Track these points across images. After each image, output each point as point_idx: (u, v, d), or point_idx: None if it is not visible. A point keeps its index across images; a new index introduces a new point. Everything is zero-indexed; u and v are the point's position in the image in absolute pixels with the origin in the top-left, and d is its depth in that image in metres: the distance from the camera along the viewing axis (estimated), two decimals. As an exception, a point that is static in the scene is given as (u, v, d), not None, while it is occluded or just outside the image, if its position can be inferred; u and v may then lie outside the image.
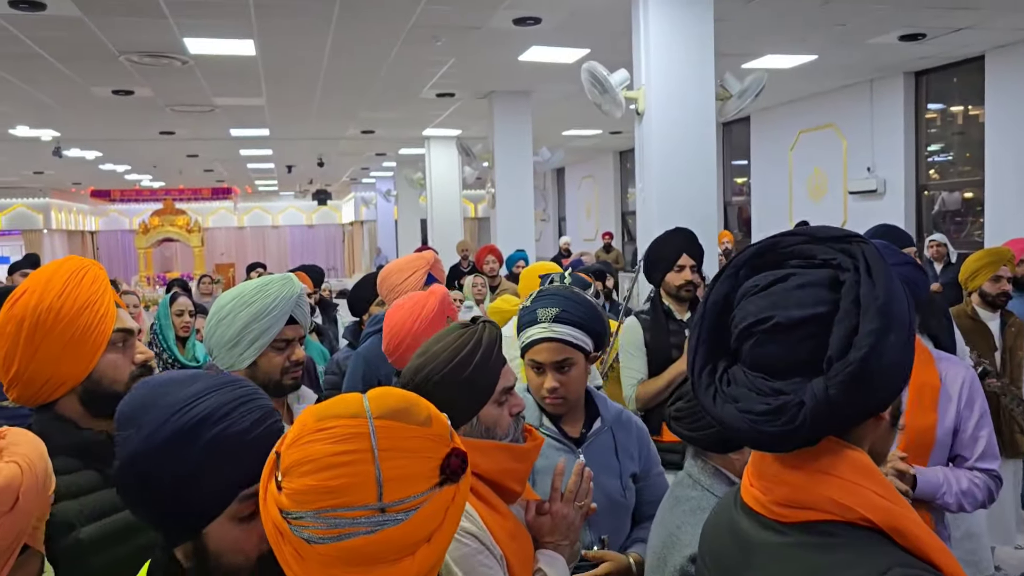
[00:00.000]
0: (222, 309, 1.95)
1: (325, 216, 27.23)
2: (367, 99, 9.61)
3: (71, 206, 23.45)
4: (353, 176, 21.16)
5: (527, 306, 2.09)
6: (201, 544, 1.11)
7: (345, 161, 17.22)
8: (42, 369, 1.49)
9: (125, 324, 1.58)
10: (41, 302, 1.48)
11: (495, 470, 1.57)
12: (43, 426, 1.52)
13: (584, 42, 7.06)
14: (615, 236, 15.75)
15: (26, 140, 11.86)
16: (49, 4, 5.44)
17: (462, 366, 1.56)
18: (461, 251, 9.20)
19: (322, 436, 1.00)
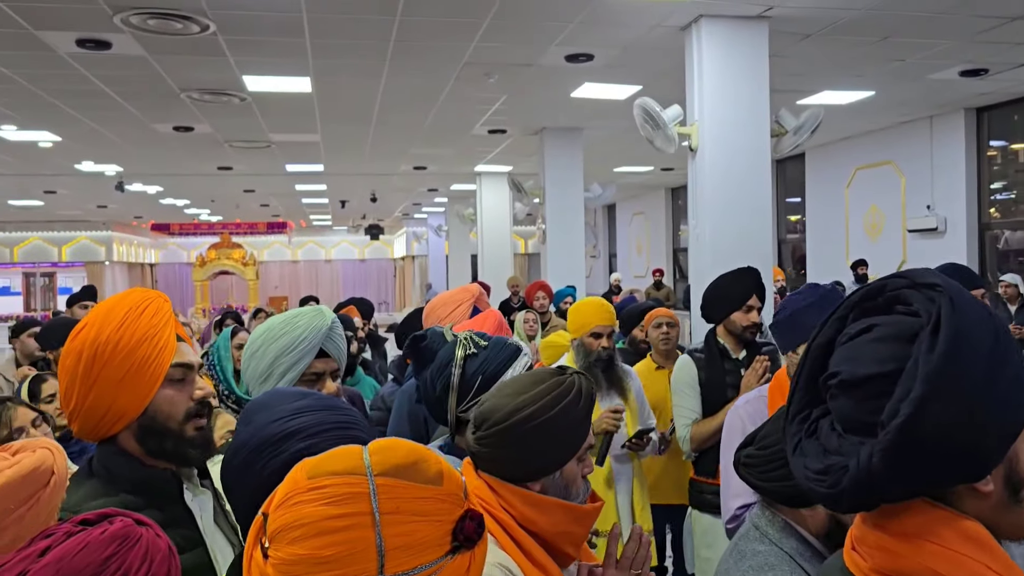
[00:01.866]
0: (254, 343, 1.93)
1: (377, 251, 27.54)
2: (420, 135, 9.71)
3: (132, 239, 24.12)
4: (405, 211, 21.39)
5: (486, 344, 1.97)
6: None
7: (397, 196, 17.42)
8: (99, 403, 1.46)
9: (185, 359, 1.52)
10: (100, 335, 1.46)
11: (553, 531, 1.47)
12: (105, 460, 1.49)
13: (636, 78, 7.04)
14: (666, 273, 15.59)
15: (91, 175, 12.24)
16: (115, 43, 5.61)
17: (565, 414, 1.47)
18: (511, 287, 9.16)
19: (315, 496, 0.89)
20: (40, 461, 1.12)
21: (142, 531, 0.94)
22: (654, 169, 13.42)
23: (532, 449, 1.47)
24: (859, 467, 0.87)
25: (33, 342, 4.56)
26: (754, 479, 1.71)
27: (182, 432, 1.49)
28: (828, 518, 1.65)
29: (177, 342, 1.53)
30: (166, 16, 5.06)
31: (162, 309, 1.54)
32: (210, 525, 1.54)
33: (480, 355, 1.92)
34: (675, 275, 16.62)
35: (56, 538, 0.88)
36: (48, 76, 6.52)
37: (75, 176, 12.47)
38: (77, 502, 1.43)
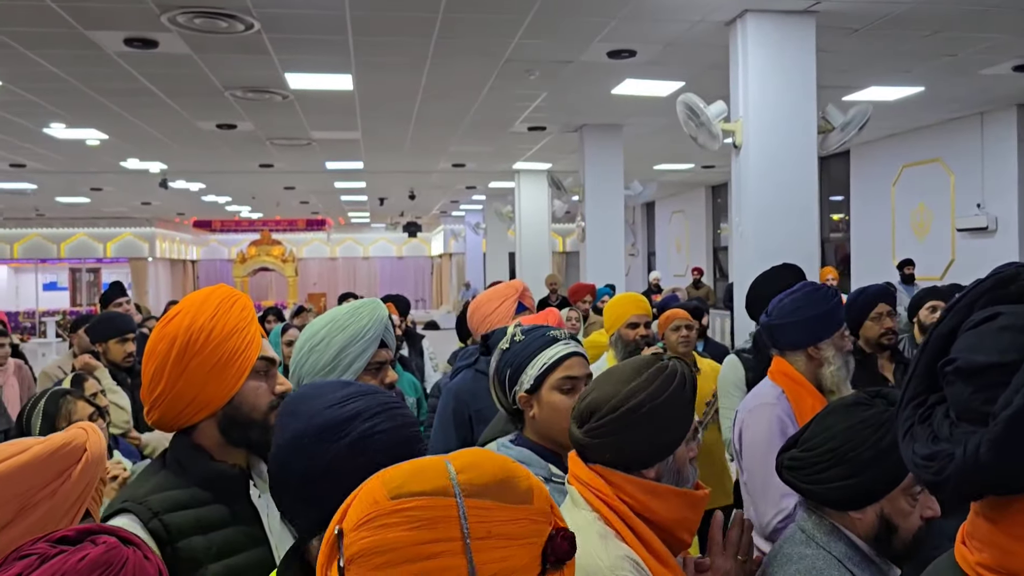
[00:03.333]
0: (315, 335, 1.93)
1: (415, 248, 27.67)
2: (459, 133, 9.72)
3: (174, 235, 24.52)
4: (443, 209, 21.46)
5: (521, 338, 1.94)
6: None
7: (436, 194, 17.48)
8: (187, 390, 1.49)
9: (268, 353, 1.58)
10: (194, 323, 1.50)
11: (671, 518, 1.46)
12: (178, 453, 1.53)
13: (679, 75, 6.96)
14: (706, 272, 15.44)
15: (136, 172, 12.45)
16: (162, 42, 5.68)
17: (674, 397, 1.47)
18: (549, 285, 9.13)
19: (400, 520, 0.83)
20: (71, 438, 1.13)
21: (128, 553, 0.87)
22: (695, 166, 13.30)
23: (646, 435, 1.47)
24: (965, 456, 0.84)
25: (88, 337, 4.64)
26: (799, 482, 1.66)
27: (265, 423, 1.53)
28: (878, 521, 1.60)
29: (260, 337, 1.59)
30: (212, 15, 5.11)
31: (248, 305, 1.59)
32: (276, 524, 1.54)
33: (512, 348, 1.94)
34: (715, 274, 16.46)
35: (29, 563, 0.82)
36: (96, 75, 6.63)
37: (120, 173, 12.69)
38: (147, 493, 1.45)
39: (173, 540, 1.40)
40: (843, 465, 1.59)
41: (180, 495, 1.47)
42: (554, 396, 1.84)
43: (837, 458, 1.60)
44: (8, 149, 10.18)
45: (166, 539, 1.40)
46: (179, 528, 1.42)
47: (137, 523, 1.40)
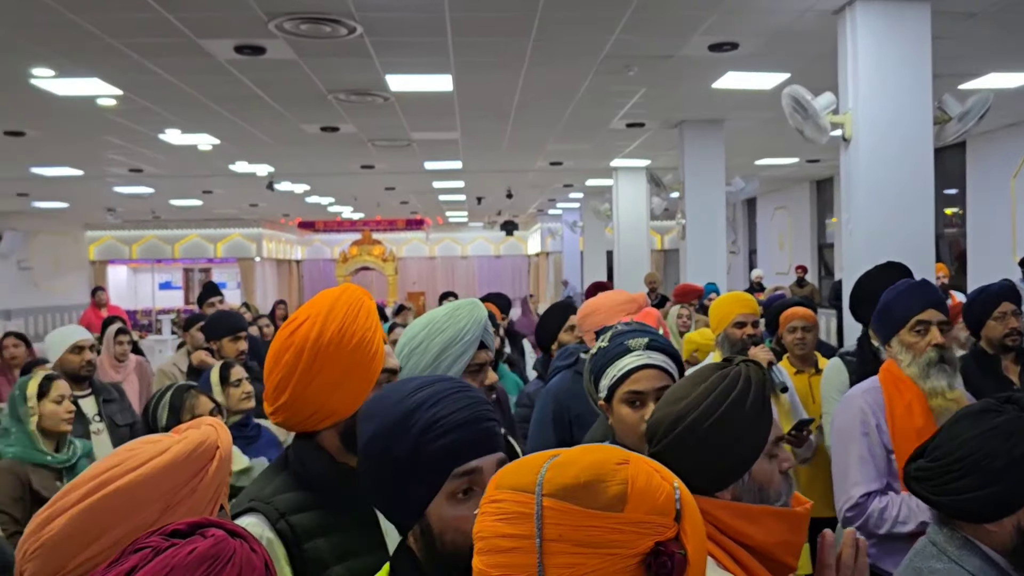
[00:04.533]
0: (414, 338, 1.94)
1: (512, 247, 27.82)
2: (557, 131, 9.69)
3: (280, 236, 25.38)
4: (540, 207, 21.49)
5: (606, 344, 1.90)
6: (426, 525, 1.16)
7: (533, 192, 17.51)
8: (312, 401, 1.50)
9: (390, 364, 1.58)
10: (322, 335, 1.49)
11: (770, 542, 1.32)
12: (302, 454, 1.54)
13: (784, 66, 6.74)
14: (810, 270, 14.93)
15: (244, 175, 12.94)
16: (269, 48, 5.87)
17: (735, 409, 1.34)
18: (649, 283, 9.02)
19: (493, 509, 0.85)
20: (205, 436, 1.16)
21: (235, 545, 0.89)
22: (799, 161, 12.88)
23: (708, 456, 1.34)
24: None
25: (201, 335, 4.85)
26: (928, 493, 1.57)
27: None
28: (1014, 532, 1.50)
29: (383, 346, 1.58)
30: (317, 20, 5.24)
31: (372, 310, 1.58)
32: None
33: (598, 354, 1.91)
34: (820, 272, 15.91)
35: (144, 555, 0.85)
36: (208, 82, 6.91)
37: (230, 176, 13.21)
38: (272, 493, 1.49)
39: (300, 541, 1.42)
40: (975, 475, 1.50)
41: (304, 497, 1.48)
42: (622, 409, 1.82)
43: (968, 468, 1.51)
44: (127, 155, 10.74)
45: (292, 540, 1.42)
46: (304, 529, 1.44)
47: (265, 523, 1.43)
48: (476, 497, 1.11)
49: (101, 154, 10.68)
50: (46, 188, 14.10)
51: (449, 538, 1.15)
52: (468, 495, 1.15)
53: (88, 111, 7.84)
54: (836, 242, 14.63)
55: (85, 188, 14.21)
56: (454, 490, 1.15)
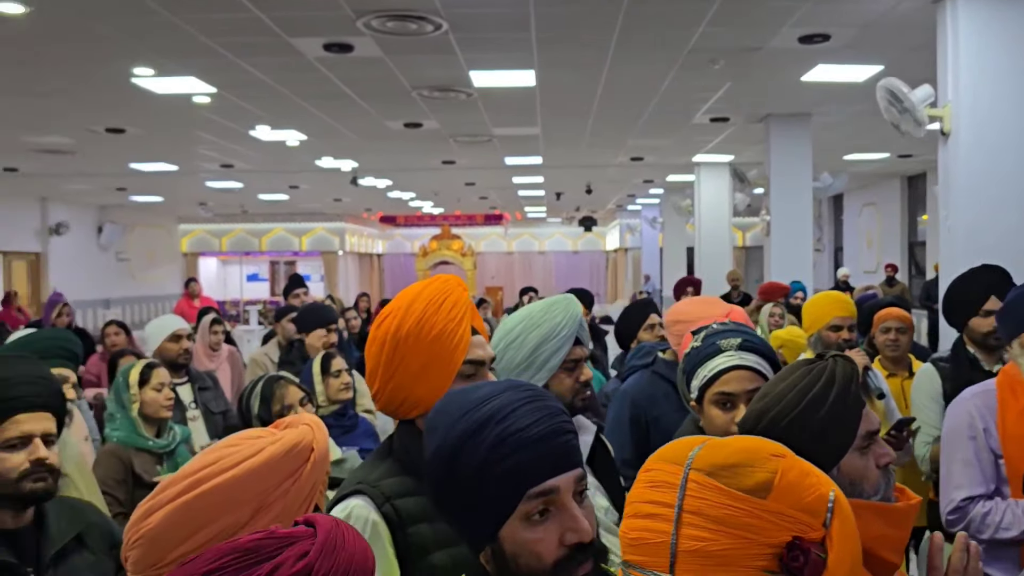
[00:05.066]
0: (510, 332, 1.94)
1: (590, 243, 27.70)
2: (638, 126, 9.60)
3: (362, 230, 25.86)
4: (619, 203, 21.34)
5: (699, 344, 1.88)
6: (499, 547, 1.07)
7: (612, 188, 17.39)
8: (399, 390, 1.55)
9: (476, 355, 1.57)
10: (400, 328, 1.53)
11: (867, 537, 1.27)
12: (405, 440, 1.58)
13: (877, 58, 6.51)
14: (900, 269, 14.41)
15: (329, 170, 13.23)
16: (356, 46, 5.98)
17: (816, 405, 1.32)
18: (731, 281, 8.85)
19: (644, 478, 0.90)
20: (300, 437, 1.16)
21: (287, 548, 0.84)
22: (890, 156, 12.43)
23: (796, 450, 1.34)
24: None
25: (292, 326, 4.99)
26: None
27: None
28: None
29: (472, 335, 1.57)
30: (404, 18, 5.32)
31: (460, 301, 1.57)
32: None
33: (691, 353, 1.90)
34: (911, 270, 15.34)
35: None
36: (297, 79, 7.08)
37: (315, 172, 13.53)
38: (378, 478, 1.52)
39: (404, 525, 1.45)
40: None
41: (408, 482, 1.51)
42: (712, 410, 1.80)
43: None
44: (219, 151, 11.11)
45: (397, 523, 1.45)
46: (409, 514, 1.46)
47: (371, 505, 1.46)
48: (554, 518, 1.04)
49: (195, 150, 11.08)
50: (143, 183, 14.72)
51: (524, 561, 1.05)
52: (544, 516, 1.05)
53: (184, 108, 8.14)
54: (928, 240, 14.07)
55: (179, 183, 14.78)
56: (528, 512, 1.04)
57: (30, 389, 1.75)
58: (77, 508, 1.93)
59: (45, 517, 1.78)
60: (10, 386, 1.73)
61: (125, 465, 2.95)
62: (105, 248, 18.68)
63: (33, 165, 12.01)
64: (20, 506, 1.73)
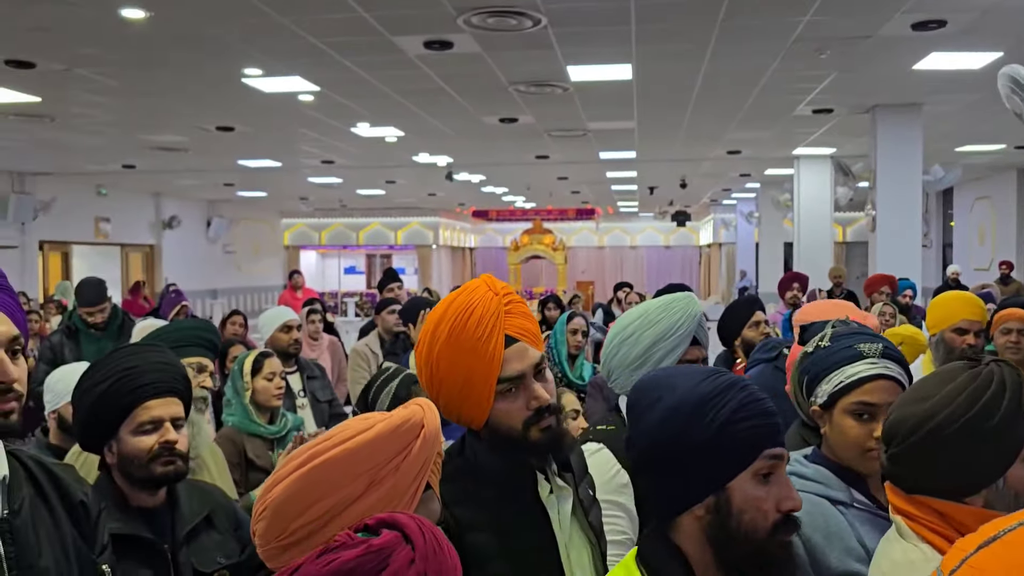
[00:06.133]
0: (625, 329, 1.92)
1: (682, 238, 27.27)
2: (737, 119, 9.39)
3: (455, 224, 26.18)
4: (714, 197, 20.93)
5: (827, 344, 1.72)
6: (725, 500, 1.17)
7: (707, 182, 17.08)
8: (449, 409, 1.51)
9: (513, 371, 1.46)
10: (431, 353, 1.48)
11: None
12: (472, 447, 1.54)
13: (997, 44, 6.18)
14: (1016, 266, 13.64)
15: (425, 165, 13.43)
16: (456, 43, 6.05)
17: (987, 411, 1.27)
18: (834, 278, 8.57)
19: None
20: (409, 415, 1.18)
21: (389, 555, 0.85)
22: (1006, 147, 11.79)
23: (957, 459, 1.28)
24: None
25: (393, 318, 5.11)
26: None
27: (527, 438, 1.47)
28: None
29: (509, 345, 1.47)
30: (504, 14, 5.34)
31: (487, 314, 1.47)
32: (566, 521, 1.51)
33: (815, 354, 1.74)
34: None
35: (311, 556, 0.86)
36: (397, 77, 7.21)
37: (412, 167, 13.75)
38: (447, 476, 1.50)
39: (462, 533, 1.41)
40: None
41: (471, 489, 1.47)
42: (845, 420, 1.64)
43: None
44: (321, 147, 11.43)
45: (455, 531, 1.40)
46: (468, 523, 1.43)
47: None
48: (774, 483, 1.18)
49: (298, 147, 11.43)
50: (249, 179, 15.29)
51: (748, 517, 1.17)
52: (768, 479, 1.19)
53: (289, 107, 8.41)
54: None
55: (282, 178, 15.28)
56: (759, 470, 1.18)
57: (158, 376, 1.86)
58: (206, 490, 2.04)
59: (178, 498, 1.89)
60: (139, 374, 1.84)
61: (239, 449, 3.07)
62: (213, 241, 19.50)
63: (149, 162, 12.64)
64: (153, 487, 1.84)
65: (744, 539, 1.17)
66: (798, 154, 11.86)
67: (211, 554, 1.88)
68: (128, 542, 1.75)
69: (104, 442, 1.84)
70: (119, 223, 15.98)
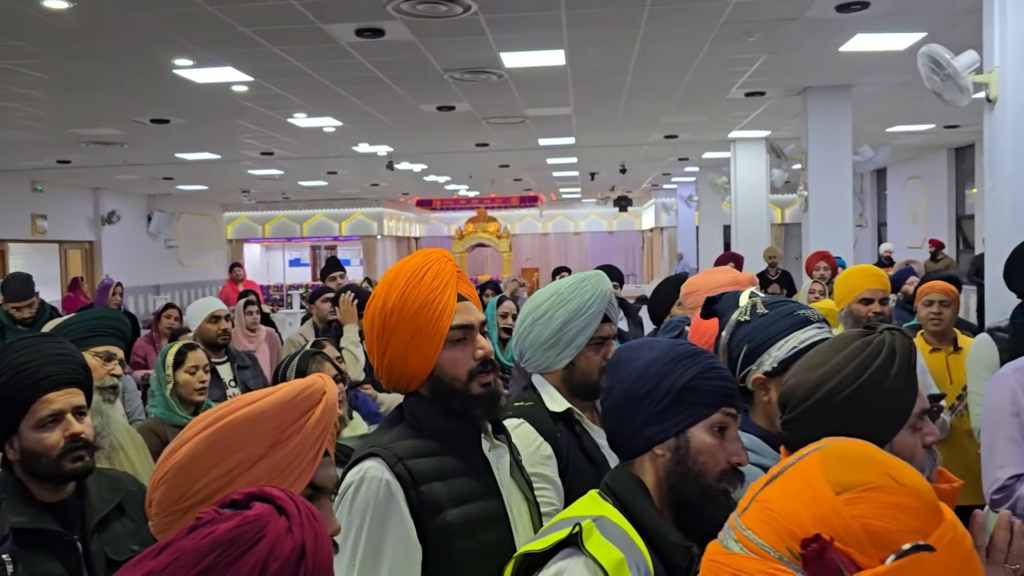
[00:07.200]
0: (537, 308, 1.94)
1: (625, 223, 27.52)
2: (672, 103, 9.49)
3: (399, 214, 26.01)
4: (654, 182, 21.16)
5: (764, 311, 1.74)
6: (684, 442, 1.35)
7: (647, 167, 17.25)
8: (393, 365, 1.59)
9: (464, 319, 1.59)
10: (385, 304, 1.58)
11: None
12: (413, 408, 1.62)
13: (920, 25, 6.35)
14: (947, 243, 14.09)
15: (366, 155, 13.32)
16: (388, 30, 6.00)
17: (877, 379, 1.30)
18: (769, 258, 8.75)
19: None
20: (311, 382, 1.23)
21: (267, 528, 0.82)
22: (935, 127, 12.13)
23: (846, 426, 1.25)
24: None
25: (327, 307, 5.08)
26: None
27: (468, 391, 1.57)
28: None
29: (459, 302, 1.59)
30: (433, 0, 5.31)
31: (443, 271, 1.60)
32: (506, 478, 1.61)
33: (753, 323, 1.74)
34: (958, 245, 14.99)
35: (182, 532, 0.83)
36: (331, 66, 7.13)
37: (352, 157, 13.62)
38: (390, 441, 1.57)
39: (417, 484, 1.49)
40: None
41: (420, 444, 1.55)
42: None
43: None
44: (259, 139, 11.25)
45: (410, 482, 1.49)
46: (422, 473, 1.51)
47: (384, 466, 1.50)
48: (727, 439, 1.37)
49: (236, 138, 11.23)
50: (189, 172, 14.97)
51: (703, 460, 1.35)
52: (723, 433, 1.37)
53: (223, 98, 8.25)
54: (977, 213, 13.73)
55: (222, 171, 15.00)
56: (716, 423, 1.37)
57: (55, 368, 1.82)
58: (116, 479, 2.01)
59: (86, 488, 1.86)
60: (35, 368, 1.79)
61: (162, 439, 3.03)
62: (154, 236, 19.09)
63: (84, 157, 12.30)
64: (61, 482, 1.80)
65: (695, 479, 1.34)
66: (734, 137, 12.04)
67: (124, 542, 1.86)
68: (35, 535, 1.72)
69: (4, 439, 1.79)
70: (56, 220, 15.55)
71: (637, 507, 1.34)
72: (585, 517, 1.29)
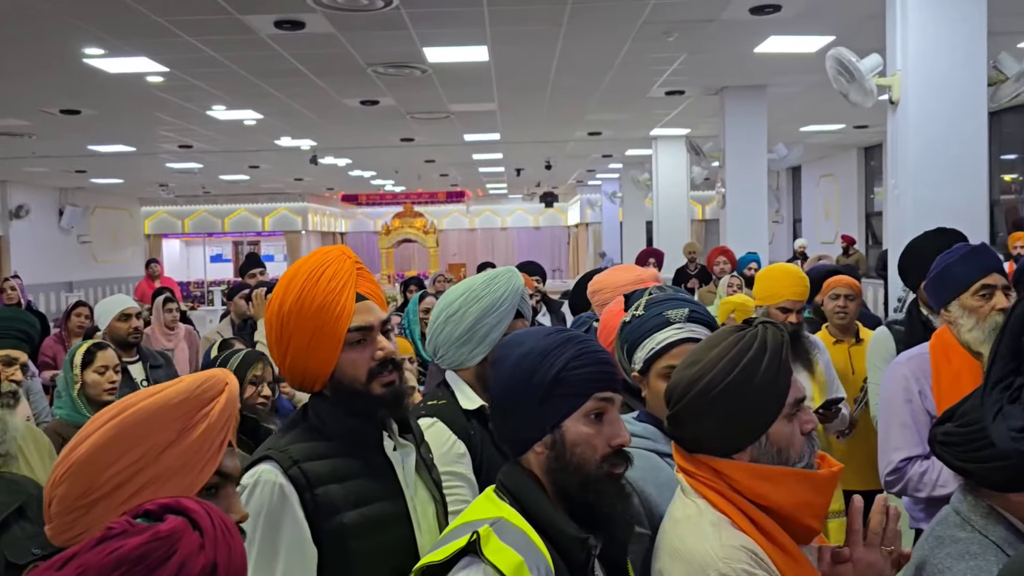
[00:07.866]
0: (451, 305, 1.94)
1: (551, 218, 27.74)
2: (595, 100, 9.61)
3: (325, 209, 25.63)
4: (579, 178, 21.38)
5: (640, 313, 1.83)
6: (560, 436, 1.34)
7: (572, 164, 17.42)
8: (295, 366, 1.57)
9: (362, 321, 1.55)
10: (283, 307, 1.55)
11: (790, 503, 1.35)
12: (316, 408, 1.60)
13: (829, 28, 6.59)
14: (857, 239, 14.64)
15: (288, 149, 13.08)
16: (308, 23, 5.91)
17: (748, 373, 1.36)
18: (688, 253, 8.94)
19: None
20: (211, 375, 1.24)
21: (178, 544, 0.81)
22: (846, 127, 12.59)
23: (724, 419, 1.37)
24: None
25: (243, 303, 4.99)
26: (954, 459, 1.53)
27: (368, 391, 1.55)
28: None
29: (359, 301, 1.56)
30: (354, -7, 5.27)
31: (340, 271, 1.56)
32: (411, 477, 1.60)
33: (632, 323, 1.83)
34: (868, 241, 15.59)
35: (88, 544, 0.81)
36: (251, 58, 6.98)
37: (275, 151, 13.37)
38: (287, 443, 1.55)
39: (312, 486, 1.48)
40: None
41: (318, 446, 1.54)
42: (659, 384, 1.74)
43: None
44: (177, 131, 10.93)
45: (305, 485, 1.48)
46: (318, 476, 1.49)
47: (278, 469, 1.49)
48: (606, 423, 1.36)
49: (153, 131, 10.89)
50: (102, 165, 14.43)
51: (580, 450, 1.34)
52: (598, 419, 1.36)
53: (138, 89, 8.00)
54: (885, 211, 14.31)
55: (139, 164, 14.52)
56: (590, 410, 1.35)
57: None
58: (16, 482, 1.97)
59: None
60: None
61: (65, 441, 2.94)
62: (66, 231, 18.32)
63: (-12, 148, 11.75)
64: None
65: (576, 470, 1.33)
66: (655, 135, 12.27)
67: (24, 545, 1.83)
68: None
69: None
70: (-41, 214, 14.81)
71: (532, 504, 1.33)
72: (483, 521, 1.29)
